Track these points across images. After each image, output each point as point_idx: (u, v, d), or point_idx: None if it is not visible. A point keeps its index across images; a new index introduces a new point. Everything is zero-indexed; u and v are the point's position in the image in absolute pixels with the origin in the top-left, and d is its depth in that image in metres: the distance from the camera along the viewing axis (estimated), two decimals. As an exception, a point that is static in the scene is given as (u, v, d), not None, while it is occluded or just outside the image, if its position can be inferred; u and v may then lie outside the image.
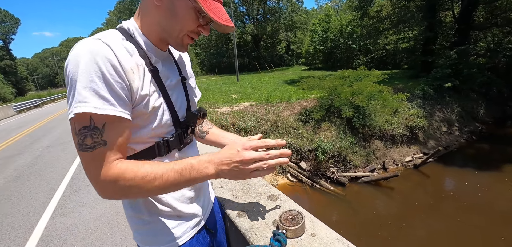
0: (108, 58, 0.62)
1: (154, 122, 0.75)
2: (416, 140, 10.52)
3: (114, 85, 0.63)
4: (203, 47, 49.27)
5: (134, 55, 0.70)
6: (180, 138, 0.83)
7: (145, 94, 0.71)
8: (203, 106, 8.42)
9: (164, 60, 0.82)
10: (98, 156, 0.63)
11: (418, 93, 11.72)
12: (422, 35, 16.16)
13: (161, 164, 0.70)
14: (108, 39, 0.65)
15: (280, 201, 0.95)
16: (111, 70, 0.62)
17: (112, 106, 0.62)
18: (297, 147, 9.35)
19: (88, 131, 0.61)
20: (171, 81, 0.82)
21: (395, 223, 6.89)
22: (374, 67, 12.82)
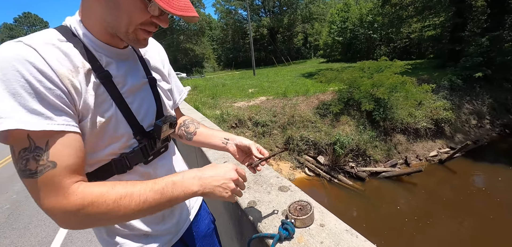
0: (32, 62, 0.50)
1: (105, 138, 0.63)
2: (442, 134, 9.98)
3: (46, 93, 0.51)
4: (220, 42, 49.69)
5: (74, 56, 0.58)
6: (144, 151, 0.70)
7: (88, 106, 0.59)
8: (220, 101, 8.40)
9: (121, 59, 0.69)
10: (49, 181, 0.52)
11: (445, 84, 11.06)
12: (449, 21, 15.16)
13: (136, 183, 0.61)
14: (34, 40, 0.53)
15: (290, 192, 0.95)
16: (38, 76, 0.50)
17: (48, 120, 0.51)
18: (315, 141, 9.23)
19: (30, 153, 0.51)
20: (132, 85, 0.69)
21: (420, 219, 6.62)
22: (397, 58, 12.29)
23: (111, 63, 0.65)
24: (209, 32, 50.45)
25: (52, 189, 0.52)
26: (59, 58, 0.55)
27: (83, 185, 0.56)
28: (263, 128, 9.67)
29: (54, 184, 0.52)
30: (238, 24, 44.23)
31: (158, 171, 0.76)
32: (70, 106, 0.56)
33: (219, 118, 9.44)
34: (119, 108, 0.65)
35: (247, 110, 10.27)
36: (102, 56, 0.64)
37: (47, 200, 0.52)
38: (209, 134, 0.97)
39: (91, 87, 0.60)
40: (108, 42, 0.65)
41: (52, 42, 0.56)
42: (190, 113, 3.20)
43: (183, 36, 41.14)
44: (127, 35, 0.61)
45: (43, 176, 0.51)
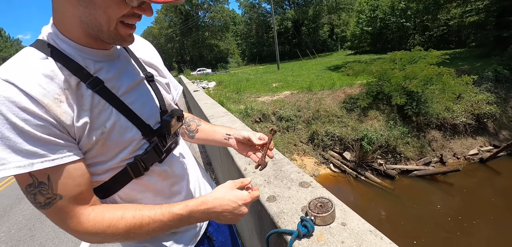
0: (13, 101, 0.47)
1: (113, 146, 0.60)
2: (484, 130, 9.11)
3: (34, 131, 0.49)
4: (244, 37, 49.88)
5: (58, 76, 0.53)
6: (156, 150, 0.67)
7: (84, 124, 0.55)
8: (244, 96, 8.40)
9: (111, 60, 0.64)
10: (60, 211, 0.54)
11: (489, 75, 10.03)
12: (496, 5, 13.64)
13: (145, 209, 0.61)
14: (11, 72, 0.49)
15: (311, 188, 0.93)
16: (23, 115, 0.48)
17: (42, 158, 0.50)
18: (341, 136, 8.95)
19: (35, 188, 0.52)
20: (128, 85, 0.65)
21: (457, 222, 6.15)
22: (433, 47, 11.38)
23: (100, 68, 0.60)
24: (233, 28, 50.84)
25: (65, 217, 0.55)
26: (42, 84, 0.51)
27: (95, 212, 0.58)
28: (287, 122, 9.58)
29: (65, 213, 0.54)
30: (262, 18, 44.02)
31: (174, 167, 0.75)
32: (63, 137, 0.53)
33: (243, 113, 9.53)
34: (121, 112, 0.61)
35: (271, 105, 10.23)
36: (89, 63, 0.59)
37: (65, 225, 0.56)
38: (211, 130, 0.94)
39: (84, 101, 0.56)
40: (91, 46, 0.59)
41: (32, 67, 0.52)
42: (214, 108, 3.27)
43: (208, 32, 41.94)
44: (109, 33, 0.55)
45: (53, 207, 0.53)
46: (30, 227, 3.87)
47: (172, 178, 0.74)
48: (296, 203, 0.85)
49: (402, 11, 24.54)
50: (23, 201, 4.88)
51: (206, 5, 42.12)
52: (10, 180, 6.33)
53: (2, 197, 5.36)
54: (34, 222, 4.02)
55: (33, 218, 4.13)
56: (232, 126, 2.21)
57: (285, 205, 0.85)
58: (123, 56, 0.68)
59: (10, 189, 5.74)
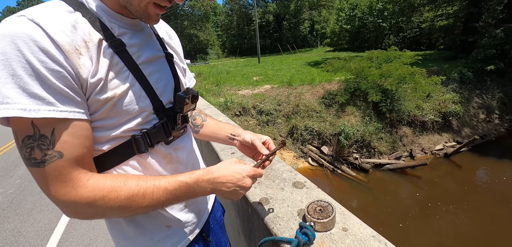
0: (35, 40, 0.46)
1: (122, 112, 0.58)
2: (449, 128, 9.80)
3: (49, 76, 0.47)
4: (225, 28, 48.92)
5: (83, 28, 0.53)
6: (165, 129, 0.66)
7: (99, 79, 0.54)
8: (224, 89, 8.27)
9: (136, 30, 0.64)
10: (57, 172, 0.49)
11: (455, 77, 10.77)
12: (464, 11, 14.60)
13: (149, 179, 0.58)
14: (38, 13, 0.48)
15: (306, 189, 0.88)
16: (41, 57, 0.46)
17: (50, 106, 0.47)
18: (319, 131, 9.14)
19: (34, 141, 0.48)
20: (148, 57, 0.64)
21: (422, 212, 6.59)
22: (406, 48, 11.97)
23: (124, 33, 0.61)
24: (214, 18, 49.64)
25: (60, 180, 0.50)
26: (66, 30, 0.50)
27: (94, 178, 0.54)
28: (267, 116, 9.58)
29: (62, 175, 0.50)
30: (244, 10, 43.41)
31: (179, 152, 0.72)
32: (76, 89, 0.51)
33: (223, 106, 9.36)
34: (136, 79, 0.60)
35: (251, 99, 10.16)
36: (114, 26, 0.59)
37: (55, 190, 0.50)
38: (216, 127, 0.92)
39: (103, 58, 0.55)
40: (120, 12, 0.60)
41: (58, 14, 0.51)
42: (195, 100, 3.13)
43: (187, 21, 40.53)
44: (138, 8, 0.56)
45: (50, 165, 0.49)
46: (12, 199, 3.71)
47: (176, 163, 0.71)
48: (292, 206, 0.79)
49: (379, 12, 25.45)
50: None
51: (185, -8, 40.63)
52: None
53: None
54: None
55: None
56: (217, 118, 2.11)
57: (280, 209, 0.79)
58: (147, 29, 0.69)
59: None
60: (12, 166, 5.91)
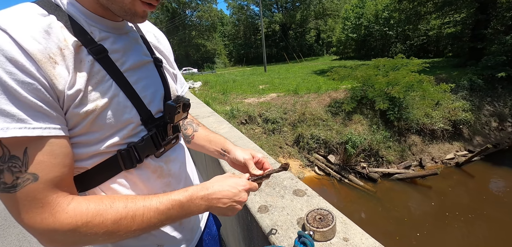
0: (2, 49, 0.41)
1: (106, 125, 0.52)
2: (460, 136, 9.56)
3: (19, 89, 0.41)
4: (231, 38, 49.61)
5: (57, 32, 0.47)
6: (155, 141, 0.60)
7: (78, 90, 0.48)
8: (230, 97, 8.31)
9: (119, 34, 0.58)
10: (30, 197, 0.43)
11: (465, 84, 10.56)
12: (472, 18, 14.45)
13: (138, 199, 0.53)
14: (5, 19, 0.43)
15: (307, 197, 0.85)
16: (9, 68, 0.41)
17: (21, 123, 0.41)
18: (325, 140, 9.05)
19: (3, 163, 0.42)
20: (134, 63, 0.58)
21: (433, 223, 6.37)
22: (413, 56, 11.85)
23: (106, 37, 0.55)
24: (221, 28, 50.46)
25: (35, 206, 0.43)
26: (37, 37, 0.44)
27: (76, 201, 0.48)
28: (273, 124, 9.56)
29: (37, 199, 0.44)
30: (250, 20, 44.03)
31: (171, 165, 0.66)
32: (51, 103, 0.45)
33: (229, 114, 9.40)
34: (121, 88, 0.54)
35: (257, 107, 10.18)
36: (94, 30, 0.53)
37: (29, 217, 0.44)
38: (207, 139, 0.86)
39: (82, 66, 0.49)
40: (100, 14, 0.54)
41: (29, 18, 0.45)
42: (200, 108, 3.15)
43: (195, 31, 41.30)
44: (122, 6, 0.50)
45: (23, 190, 0.43)
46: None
47: (168, 177, 0.65)
48: (291, 214, 0.77)
49: (385, 20, 25.42)
50: None
51: (193, 4, 41.47)
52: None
53: None
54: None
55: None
56: (219, 127, 2.11)
57: (279, 217, 0.77)
58: (133, 33, 0.62)
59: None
60: None
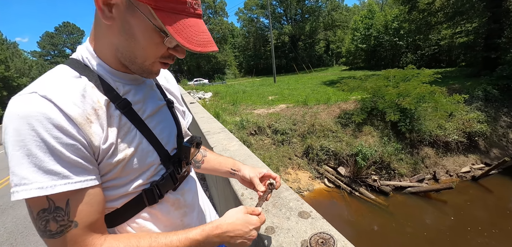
0: (49, 117, 0.47)
1: (133, 170, 0.60)
2: (476, 148, 9.26)
3: (63, 151, 0.48)
4: (242, 49, 50.40)
5: (91, 95, 0.55)
6: (173, 177, 0.68)
7: (111, 144, 0.55)
8: (240, 108, 8.49)
9: (138, 85, 0.66)
10: (72, 241, 0.50)
11: (479, 95, 10.29)
12: (484, 27, 14.17)
13: (160, 237, 0.59)
14: (49, 87, 0.50)
15: (311, 220, 0.91)
16: (55, 133, 0.47)
17: (65, 179, 0.48)
18: (335, 151, 8.98)
19: (49, 214, 0.48)
20: (152, 110, 0.67)
21: (449, 240, 6.14)
22: (425, 66, 11.72)
23: (129, 90, 0.63)
24: (232, 40, 51.46)
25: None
26: (76, 102, 0.52)
27: (107, 242, 0.55)
28: (282, 135, 9.58)
29: (76, 243, 0.51)
30: (260, 32, 44.75)
31: (186, 196, 0.75)
32: (89, 158, 0.53)
33: (238, 125, 9.51)
34: (144, 135, 0.62)
35: (267, 118, 10.25)
36: (119, 85, 0.61)
37: None
38: (216, 163, 0.95)
39: (112, 121, 0.57)
40: (123, 70, 0.62)
41: (67, 84, 0.53)
42: (211, 123, 3.24)
43: (206, 43, 42.22)
44: (142, 67, 0.59)
45: (65, 235, 0.50)
46: (11, 242, 3.73)
47: (184, 207, 0.73)
48: (296, 236, 0.83)
49: (395, 30, 25.26)
50: (5, 213, 4.71)
51: (205, 18, 42.66)
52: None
53: None
54: (16, 236, 3.87)
55: (16, 232, 3.97)
56: (229, 144, 2.18)
57: (284, 238, 0.83)
58: (148, 81, 0.71)
59: (-6, 199, 5.54)
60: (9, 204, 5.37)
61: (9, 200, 5.23)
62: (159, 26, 0.52)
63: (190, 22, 0.53)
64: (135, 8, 0.51)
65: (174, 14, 0.51)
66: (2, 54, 25.15)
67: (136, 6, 0.51)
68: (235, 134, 8.95)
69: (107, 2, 0.51)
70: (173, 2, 0.51)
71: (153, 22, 0.51)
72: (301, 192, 8.27)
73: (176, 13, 0.52)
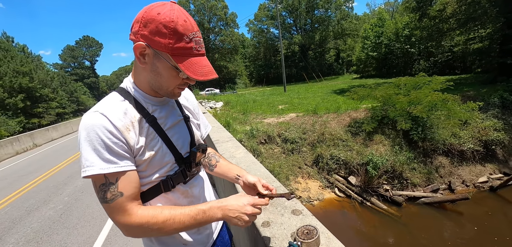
0: (105, 126, 0.73)
1: (155, 166, 0.85)
2: (493, 157, 8.94)
3: (114, 147, 0.74)
4: (252, 59, 51.06)
5: (130, 112, 0.81)
6: (183, 173, 0.92)
7: (141, 147, 0.80)
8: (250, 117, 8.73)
9: (163, 105, 0.91)
10: (119, 206, 0.75)
11: (496, 102, 9.98)
12: (498, 33, 13.80)
13: (177, 208, 0.82)
14: (105, 108, 0.77)
15: (302, 216, 1.03)
16: (109, 136, 0.73)
17: (115, 164, 0.74)
18: (346, 160, 8.92)
19: (106, 187, 0.74)
20: (172, 123, 0.91)
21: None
22: (438, 73, 11.54)
23: (156, 109, 0.88)
24: (242, 50, 52.32)
25: (120, 211, 0.76)
26: (121, 117, 0.78)
27: (142, 209, 0.79)
28: (292, 144, 9.64)
29: (122, 208, 0.76)
30: (270, 42, 45.27)
31: (194, 189, 0.98)
32: (128, 152, 0.78)
33: (248, 134, 9.65)
34: (164, 142, 0.86)
35: (277, 127, 10.35)
36: (149, 105, 0.86)
37: (117, 218, 0.76)
38: (226, 168, 1.17)
39: (143, 131, 0.82)
40: (152, 95, 0.87)
41: (116, 106, 0.79)
42: (220, 133, 3.41)
43: (218, 54, 43.22)
44: (167, 93, 0.85)
45: (115, 202, 0.75)
46: (37, 240, 4.01)
47: (191, 197, 0.96)
48: (287, 229, 0.95)
49: (406, 38, 24.93)
50: (32, 214, 5.08)
51: (217, 29, 43.76)
52: (20, 192, 6.55)
53: (12, 208, 5.56)
54: (41, 235, 4.16)
55: (41, 232, 4.27)
56: (236, 151, 2.33)
57: (277, 231, 0.95)
58: (171, 102, 0.96)
59: (21, 201, 5.95)
60: (62, 184, 6.65)
61: (35, 203, 5.69)
62: (174, 65, 0.76)
63: (195, 60, 0.77)
64: (159, 55, 0.76)
65: (184, 57, 0.75)
66: (27, 66, 26.70)
67: (160, 54, 0.76)
68: (245, 143, 9.09)
69: (142, 53, 0.76)
70: (183, 49, 0.74)
71: (170, 63, 0.76)
72: (311, 202, 8.25)
73: (185, 56, 0.75)
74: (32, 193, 6.41)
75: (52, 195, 6.03)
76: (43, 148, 15.00)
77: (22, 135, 15.81)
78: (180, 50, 0.74)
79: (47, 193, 6.19)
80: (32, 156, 12.64)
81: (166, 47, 0.73)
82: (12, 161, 12.20)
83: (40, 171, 8.65)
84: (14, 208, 5.57)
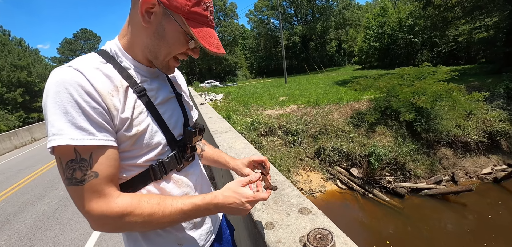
0: (81, 84, 0.58)
1: (143, 145, 0.69)
2: (498, 149, 8.79)
3: (91, 112, 0.59)
4: (252, 51, 50.55)
5: (114, 77, 0.66)
6: (177, 158, 0.77)
7: (126, 118, 0.65)
8: (251, 109, 8.59)
9: (153, 77, 0.77)
10: (93, 188, 0.59)
11: (501, 92, 9.78)
12: (505, 22, 13.47)
13: (167, 199, 0.68)
14: (81, 64, 0.61)
15: (312, 216, 0.88)
16: (85, 97, 0.58)
17: (91, 135, 0.58)
18: (348, 152, 8.79)
19: (76, 164, 0.58)
20: (163, 98, 0.77)
21: (470, 246, 5.85)
22: (442, 63, 11.30)
23: (145, 80, 0.74)
24: (242, 42, 51.74)
25: (94, 196, 0.60)
26: (102, 79, 0.63)
27: (123, 196, 0.64)
28: (293, 136, 9.50)
29: (97, 191, 0.60)
30: (270, 33, 44.72)
31: (189, 177, 0.82)
32: (109, 123, 0.62)
33: (249, 126, 9.52)
34: (153, 118, 0.72)
35: (278, 119, 10.20)
36: (137, 75, 0.72)
37: (89, 204, 0.59)
38: (214, 156, 1.08)
39: (129, 101, 0.67)
40: (144, 64, 0.74)
41: (96, 66, 0.65)
42: (219, 123, 3.26)
43: (217, 46, 42.72)
44: (162, 63, 0.72)
45: (88, 184, 0.59)
46: (30, 237, 3.94)
47: (185, 187, 0.80)
48: (295, 232, 0.81)
49: (409, 28, 24.52)
50: (26, 210, 4.99)
51: (216, 20, 43.16)
52: (17, 186, 6.47)
53: (7, 204, 5.50)
54: (34, 231, 4.08)
55: (34, 228, 4.19)
56: (235, 142, 2.18)
57: (283, 234, 0.81)
58: (162, 76, 0.83)
59: (16, 196, 5.88)
60: (58, 179, 6.57)
61: (30, 198, 5.59)
62: (187, 31, 0.66)
63: (209, 31, 0.68)
64: (171, 16, 0.64)
65: (198, 23, 0.66)
66: (25, 61, 26.47)
67: (171, 15, 0.64)
68: (246, 135, 8.95)
69: (148, 10, 0.64)
70: (198, 15, 0.65)
71: (183, 27, 0.66)
72: (312, 194, 8.16)
73: (200, 23, 0.66)
74: (28, 188, 6.33)
75: (47, 189, 5.94)
76: (42, 141, 14.95)
77: (20, 129, 15.76)
78: (196, 16, 0.65)
79: (43, 188, 6.10)
80: (31, 150, 12.58)
81: (181, 8, 0.63)
82: (10, 155, 12.16)
83: (38, 165, 8.57)
84: (9, 203, 5.49)
